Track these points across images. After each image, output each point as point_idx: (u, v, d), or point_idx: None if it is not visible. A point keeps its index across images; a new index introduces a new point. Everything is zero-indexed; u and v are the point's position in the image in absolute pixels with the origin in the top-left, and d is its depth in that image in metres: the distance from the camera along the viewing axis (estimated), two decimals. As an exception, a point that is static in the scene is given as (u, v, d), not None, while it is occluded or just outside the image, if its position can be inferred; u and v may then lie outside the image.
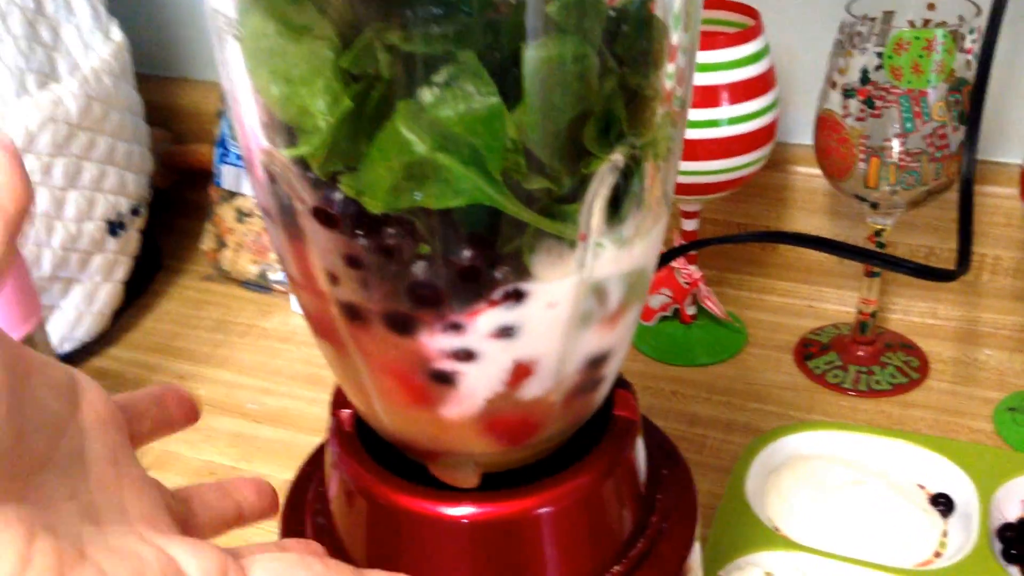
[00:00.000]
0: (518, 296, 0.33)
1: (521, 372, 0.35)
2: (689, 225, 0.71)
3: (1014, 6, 0.58)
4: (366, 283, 0.33)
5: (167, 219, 0.91)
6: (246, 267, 0.83)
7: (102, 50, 0.74)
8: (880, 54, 0.58)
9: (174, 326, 0.81)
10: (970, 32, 0.58)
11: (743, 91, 0.63)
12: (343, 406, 0.41)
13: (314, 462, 0.45)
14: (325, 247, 0.33)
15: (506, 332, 0.33)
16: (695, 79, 0.51)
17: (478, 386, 0.35)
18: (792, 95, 0.74)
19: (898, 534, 0.55)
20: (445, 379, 0.34)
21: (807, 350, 0.73)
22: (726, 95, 0.63)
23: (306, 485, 0.44)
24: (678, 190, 0.66)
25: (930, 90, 0.58)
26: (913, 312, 0.76)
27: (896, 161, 0.60)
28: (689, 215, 0.71)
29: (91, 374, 0.34)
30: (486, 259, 0.32)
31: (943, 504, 0.57)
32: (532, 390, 0.35)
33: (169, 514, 0.29)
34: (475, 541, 0.37)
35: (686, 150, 0.63)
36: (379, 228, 0.31)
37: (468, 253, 0.31)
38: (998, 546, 0.55)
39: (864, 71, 0.59)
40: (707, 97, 0.63)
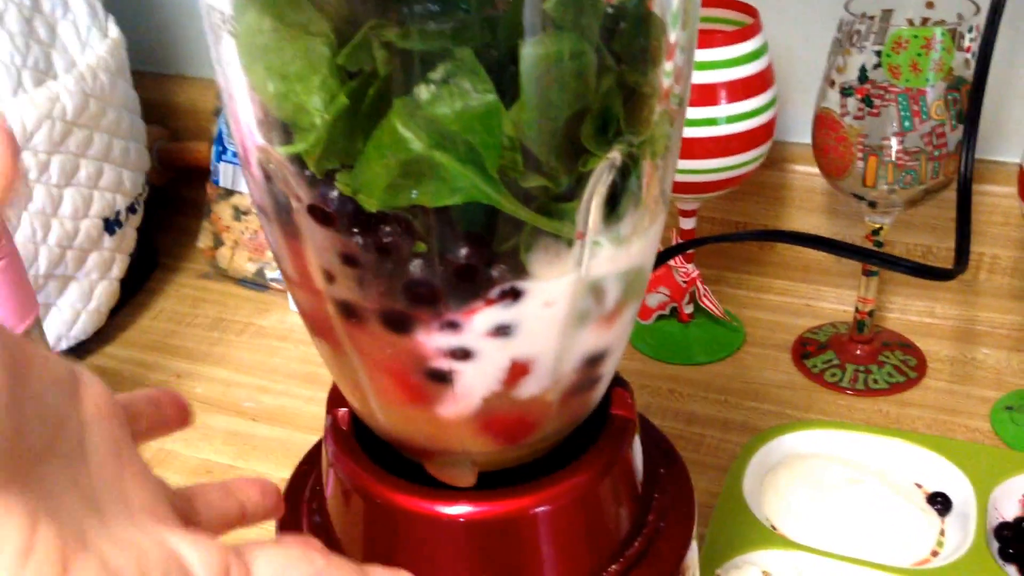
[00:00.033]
0: (515, 295, 0.32)
1: (518, 371, 0.35)
2: (687, 224, 0.71)
3: (1013, 5, 0.58)
4: (362, 281, 0.33)
5: (164, 217, 0.90)
6: (243, 265, 0.83)
7: (99, 47, 0.74)
8: (879, 52, 0.58)
9: (171, 324, 0.81)
10: (969, 31, 0.58)
11: (741, 89, 0.63)
12: (340, 405, 0.41)
13: (311, 461, 0.45)
14: (321, 245, 0.33)
15: (503, 331, 0.33)
16: (693, 77, 0.51)
17: (475, 385, 0.35)
18: (790, 93, 0.74)
19: (895, 533, 0.55)
20: (442, 378, 0.34)
21: (805, 349, 0.73)
22: (724, 93, 0.63)
23: (303, 484, 0.44)
24: (676, 188, 0.66)
25: (928, 89, 0.58)
26: (911, 311, 0.76)
27: (894, 160, 0.60)
28: (687, 214, 0.71)
29: (87, 372, 0.34)
30: (483, 257, 0.31)
31: (940, 503, 0.57)
32: (529, 389, 0.35)
33: (172, 508, 0.29)
34: (472, 540, 0.37)
35: (684, 148, 0.63)
36: (375, 226, 0.31)
37: (465, 251, 0.31)
38: (995, 545, 0.55)
39: (862, 69, 0.59)
40: (705, 95, 0.62)
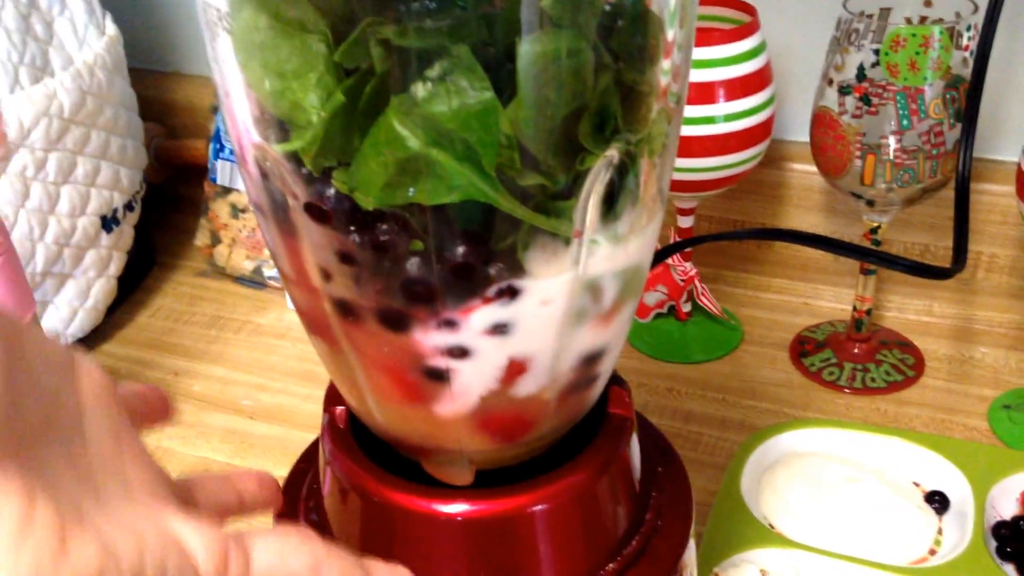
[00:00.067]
0: (512, 293, 0.32)
1: (515, 369, 0.35)
2: (685, 222, 0.71)
3: (1011, 4, 0.58)
4: (359, 279, 0.33)
5: (161, 215, 0.90)
6: (240, 263, 0.83)
7: (96, 44, 0.74)
8: (877, 51, 0.58)
9: (168, 322, 0.81)
10: (967, 29, 0.58)
11: (739, 88, 0.63)
12: (337, 403, 0.41)
13: (308, 459, 0.45)
14: (318, 243, 0.33)
15: (500, 329, 0.33)
16: (691, 75, 0.51)
17: (472, 383, 0.35)
18: (788, 92, 0.74)
19: (893, 532, 0.55)
20: (439, 376, 0.34)
21: (803, 347, 0.73)
22: (722, 92, 0.63)
23: (300, 482, 0.44)
24: (674, 187, 0.66)
25: (927, 87, 0.58)
26: (909, 310, 0.76)
27: (892, 158, 0.60)
28: (685, 212, 0.71)
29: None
30: (480, 256, 0.31)
31: (938, 502, 0.57)
32: (526, 387, 0.35)
33: (172, 493, 0.29)
34: (469, 539, 0.37)
35: (682, 147, 0.63)
36: (372, 224, 0.31)
37: (462, 249, 0.31)
38: (993, 544, 0.55)
39: (860, 68, 0.59)
40: (703, 94, 0.62)
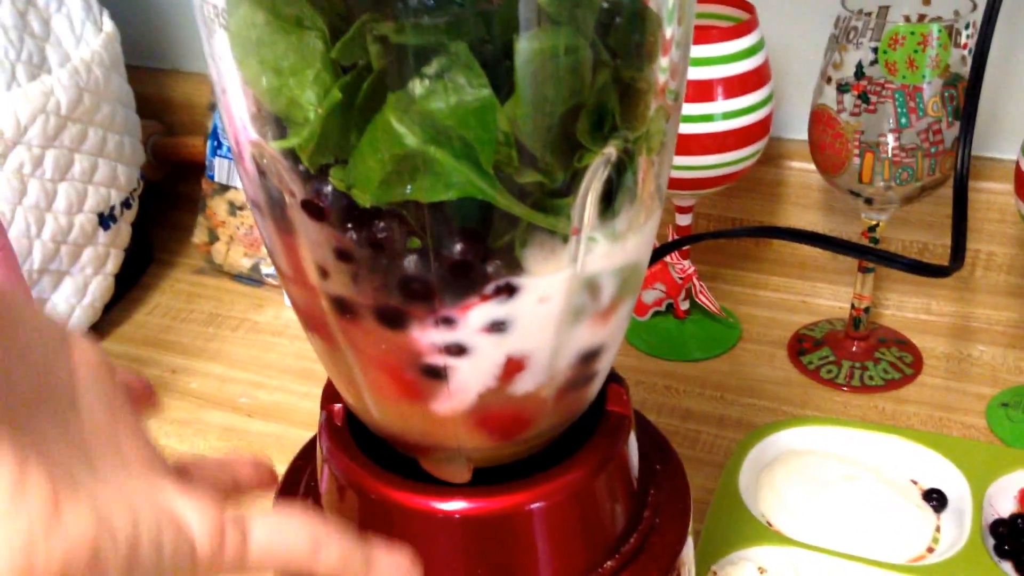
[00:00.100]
0: (510, 290, 0.32)
1: (513, 367, 0.34)
2: (683, 220, 0.71)
3: (1010, 1, 0.58)
4: (357, 277, 0.33)
5: (159, 212, 0.90)
6: (238, 260, 0.83)
7: (93, 41, 0.73)
8: (875, 49, 0.58)
9: (165, 319, 0.81)
10: (966, 27, 0.58)
11: (738, 86, 0.63)
12: (334, 400, 0.41)
13: (305, 456, 0.45)
14: (315, 240, 0.33)
15: (498, 327, 0.33)
16: (689, 73, 0.51)
17: (470, 381, 0.35)
18: (787, 90, 0.74)
19: (891, 529, 0.55)
20: (436, 374, 0.34)
21: (801, 345, 0.73)
22: (720, 90, 0.62)
23: (297, 479, 0.44)
24: (672, 185, 0.66)
25: (925, 85, 0.58)
26: (907, 308, 0.76)
27: (891, 157, 0.60)
28: (683, 210, 0.71)
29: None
30: (478, 253, 0.31)
31: (936, 500, 0.57)
32: (524, 385, 0.35)
33: (168, 469, 0.29)
34: (467, 536, 0.37)
35: (680, 145, 0.63)
36: (370, 221, 0.31)
37: (460, 247, 0.31)
38: (991, 542, 0.55)
39: (859, 66, 0.59)
40: (701, 91, 0.62)
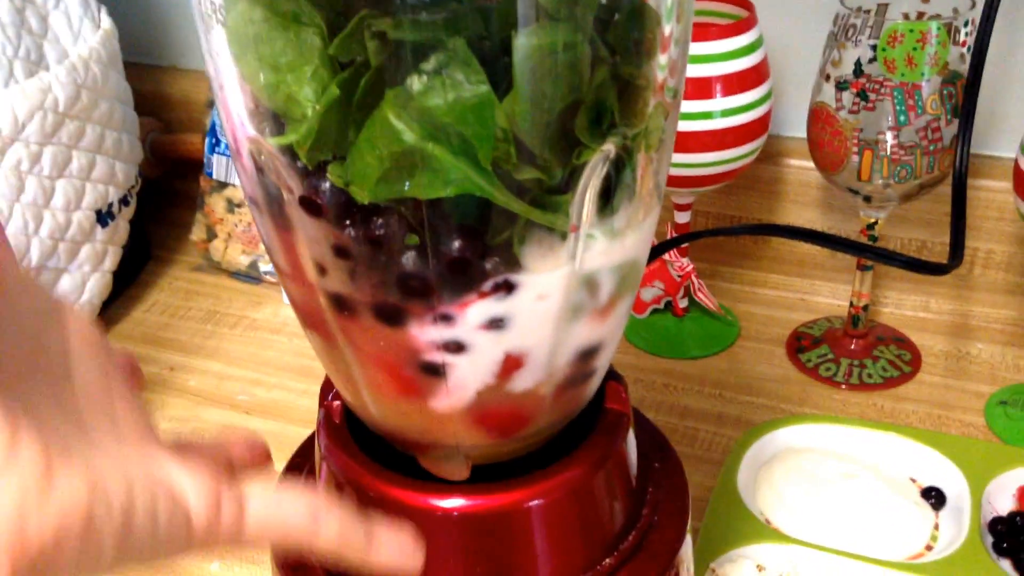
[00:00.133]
0: (508, 288, 0.32)
1: (511, 364, 0.34)
2: (682, 217, 0.71)
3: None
4: (355, 274, 0.33)
5: (156, 209, 0.90)
6: (236, 258, 0.83)
7: (91, 38, 0.73)
8: (874, 46, 0.58)
9: (164, 317, 0.81)
10: (964, 25, 0.58)
11: (736, 83, 0.63)
12: (333, 398, 0.41)
13: (304, 454, 0.45)
14: (313, 237, 0.32)
15: (496, 324, 0.33)
16: (688, 70, 0.51)
17: (468, 378, 0.34)
18: (785, 87, 0.74)
19: (889, 527, 0.55)
20: (435, 371, 0.34)
21: (799, 343, 0.73)
22: (719, 87, 0.62)
23: (296, 477, 0.44)
24: (671, 182, 0.66)
25: (924, 83, 0.58)
26: (905, 306, 0.76)
27: (889, 154, 0.60)
28: (682, 207, 0.71)
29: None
30: (476, 250, 0.31)
31: (934, 497, 0.57)
32: (522, 382, 0.35)
33: (163, 441, 0.29)
34: (465, 534, 0.37)
35: (679, 142, 0.63)
36: (368, 218, 0.31)
37: (458, 244, 0.31)
38: (989, 539, 0.55)
39: (858, 64, 0.59)
40: (700, 89, 0.62)
